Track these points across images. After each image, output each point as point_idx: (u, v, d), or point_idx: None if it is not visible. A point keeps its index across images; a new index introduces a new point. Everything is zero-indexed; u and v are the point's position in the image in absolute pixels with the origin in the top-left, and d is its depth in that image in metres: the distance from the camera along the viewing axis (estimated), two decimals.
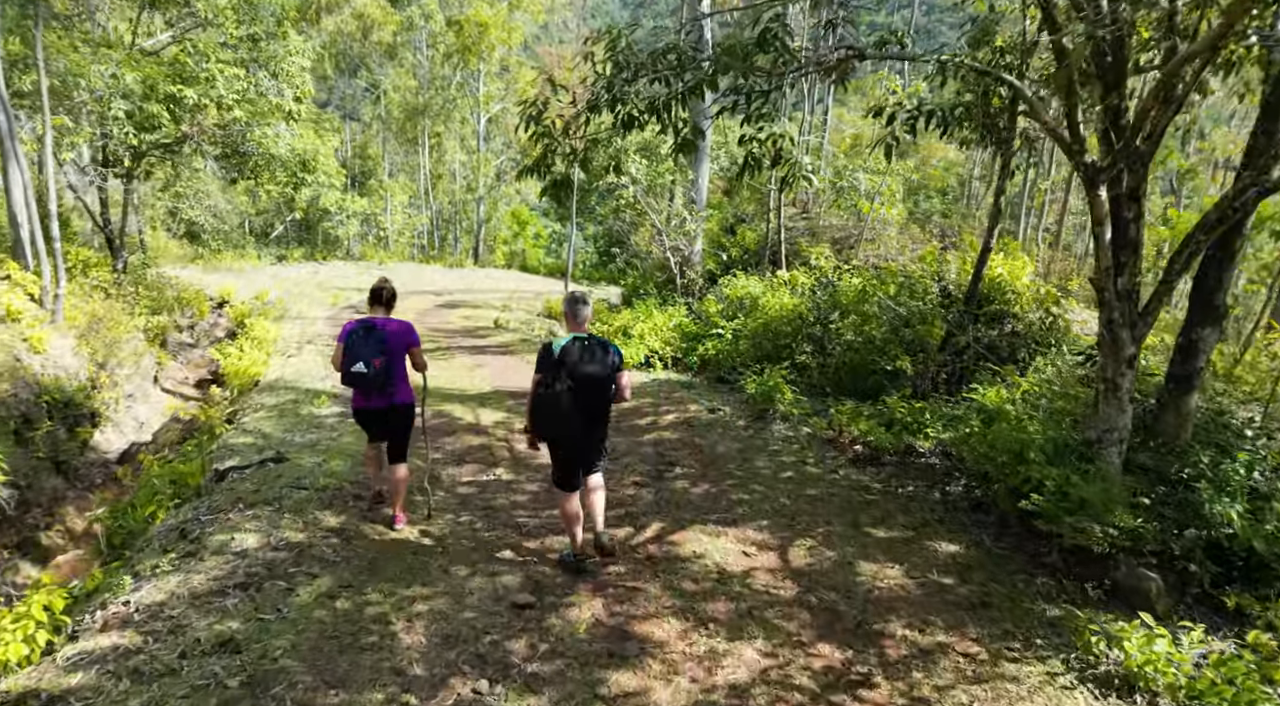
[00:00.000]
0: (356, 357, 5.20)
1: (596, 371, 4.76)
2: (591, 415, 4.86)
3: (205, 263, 27.19)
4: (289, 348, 13.62)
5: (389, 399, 5.49)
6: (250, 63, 13.37)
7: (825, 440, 7.61)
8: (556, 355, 4.71)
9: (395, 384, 5.47)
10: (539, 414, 4.81)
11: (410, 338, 5.55)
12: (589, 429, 4.90)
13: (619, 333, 12.08)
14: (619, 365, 4.92)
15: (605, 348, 4.85)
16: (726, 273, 12.69)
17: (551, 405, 4.71)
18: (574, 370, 4.70)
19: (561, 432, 4.82)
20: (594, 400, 4.83)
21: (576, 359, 4.72)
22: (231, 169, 14.24)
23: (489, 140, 38.91)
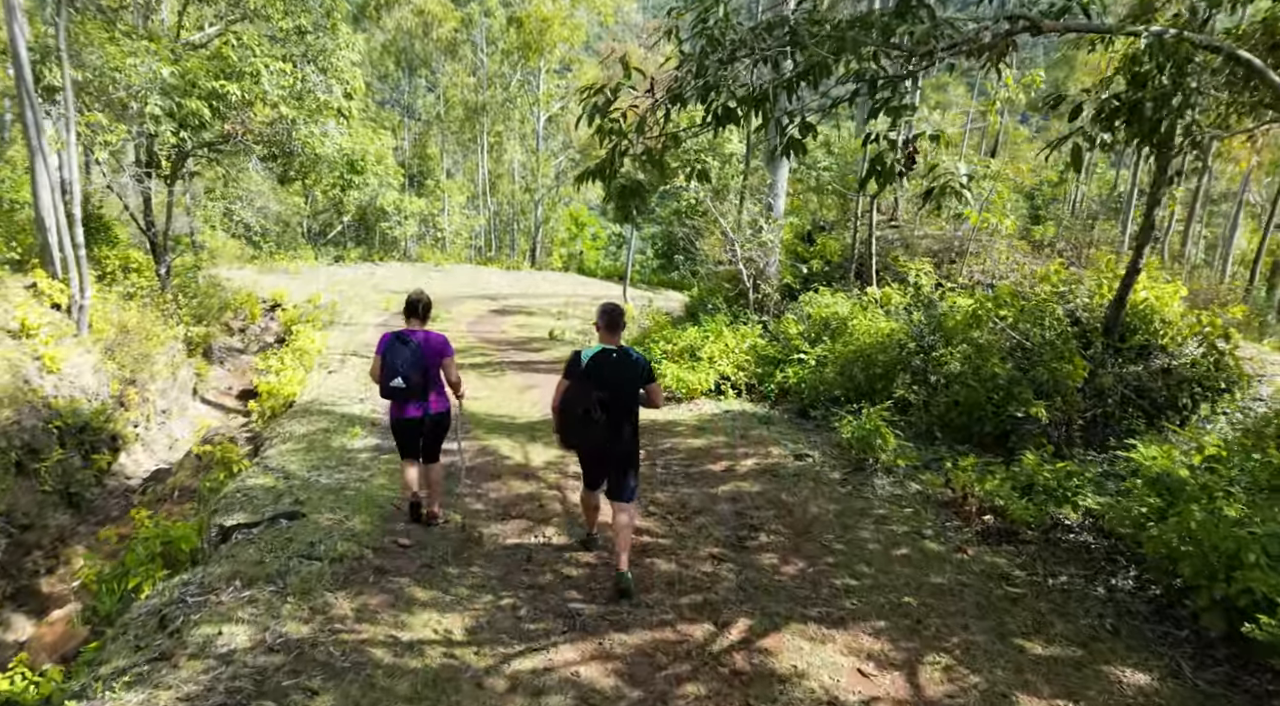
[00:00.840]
0: (394, 372, 5.36)
1: (623, 383, 4.84)
2: (616, 426, 4.86)
3: (262, 263, 26.93)
4: (332, 361, 12.81)
5: (424, 409, 5.62)
6: (298, 58, 12.58)
7: (942, 503, 6.28)
8: (585, 364, 4.82)
9: (430, 395, 5.60)
10: (565, 422, 4.86)
11: (444, 350, 5.64)
12: (614, 439, 4.90)
13: (685, 353, 10.88)
14: (648, 377, 4.98)
15: (634, 360, 4.91)
16: (806, 287, 11.38)
17: (577, 414, 4.75)
18: (601, 381, 4.78)
19: (586, 442, 4.90)
20: (619, 411, 4.85)
21: (604, 370, 4.81)
22: (278, 169, 13.45)
23: (548, 140, 38.12)
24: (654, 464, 7.58)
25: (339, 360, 12.90)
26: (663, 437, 8.43)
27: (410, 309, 5.64)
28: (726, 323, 11.36)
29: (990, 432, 7.23)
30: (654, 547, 5.71)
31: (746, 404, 9.64)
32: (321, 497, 6.38)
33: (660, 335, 11.90)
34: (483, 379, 11.93)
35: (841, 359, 8.76)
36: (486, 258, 35.79)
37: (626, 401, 4.92)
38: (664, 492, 6.82)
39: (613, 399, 4.80)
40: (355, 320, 18.49)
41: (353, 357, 13.23)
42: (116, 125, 10.55)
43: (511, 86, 34.28)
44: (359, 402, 9.99)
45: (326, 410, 9.45)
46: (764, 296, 11.34)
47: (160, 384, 11.12)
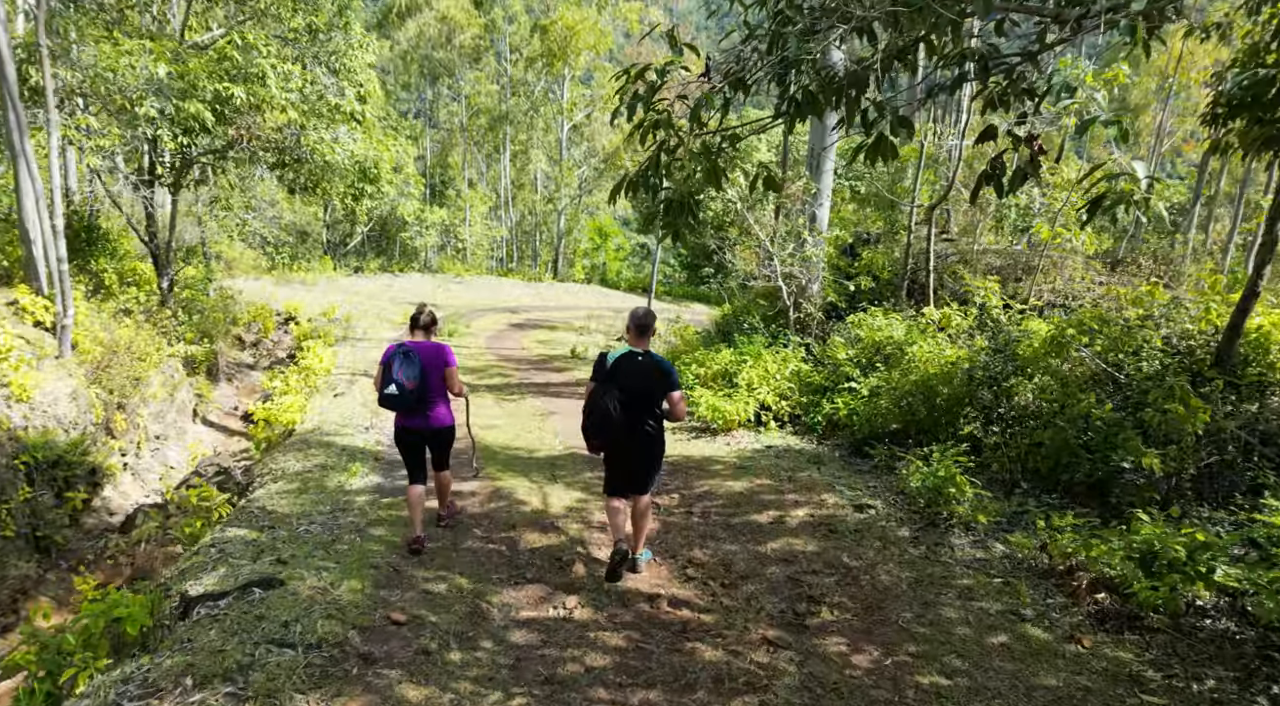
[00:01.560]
0: (390, 380, 5.44)
1: (647, 387, 4.96)
2: (640, 427, 5.01)
3: (279, 275, 26.39)
4: (339, 382, 12.01)
5: (426, 421, 5.66)
6: (309, 59, 11.85)
7: (1039, 572, 5.28)
8: (610, 366, 4.95)
9: (431, 406, 5.64)
10: (590, 421, 5.00)
11: (445, 359, 5.69)
12: (637, 440, 5.05)
13: (719, 378, 9.94)
14: (673, 384, 5.04)
15: (659, 366, 5.00)
16: (852, 307, 10.40)
17: (602, 414, 4.88)
18: (625, 383, 4.91)
19: (610, 441, 5.03)
20: (643, 414, 4.99)
21: (628, 372, 4.93)
22: (287, 178, 12.72)
23: (571, 149, 37.43)
24: (690, 511, 6.64)
25: (347, 381, 12.10)
26: (699, 478, 7.49)
27: (413, 322, 5.78)
28: (765, 344, 10.41)
29: (1082, 482, 6.21)
30: (696, 626, 4.76)
31: (791, 438, 8.67)
32: (308, 554, 5.50)
33: (692, 357, 10.97)
34: (499, 403, 11.06)
35: (900, 390, 7.77)
36: (507, 269, 35.10)
37: (649, 405, 5.02)
38: (704, 549, 5.88)
39: (635, 402, 4.94)
40: (369, 335, 17.76)
41: (362, 378, 12.43)
42: (110, 129, 9.85)
43: (535, 94, 33.61)
44: (364, 432, 9.15)
45: (327, 441, 8.61)
46: (806, 316, 10.38)
47: (155, 407, 10.37)
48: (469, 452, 7.23)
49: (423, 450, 5.78)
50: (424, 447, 5.78)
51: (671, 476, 7.60)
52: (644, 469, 5.20)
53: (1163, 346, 6.74)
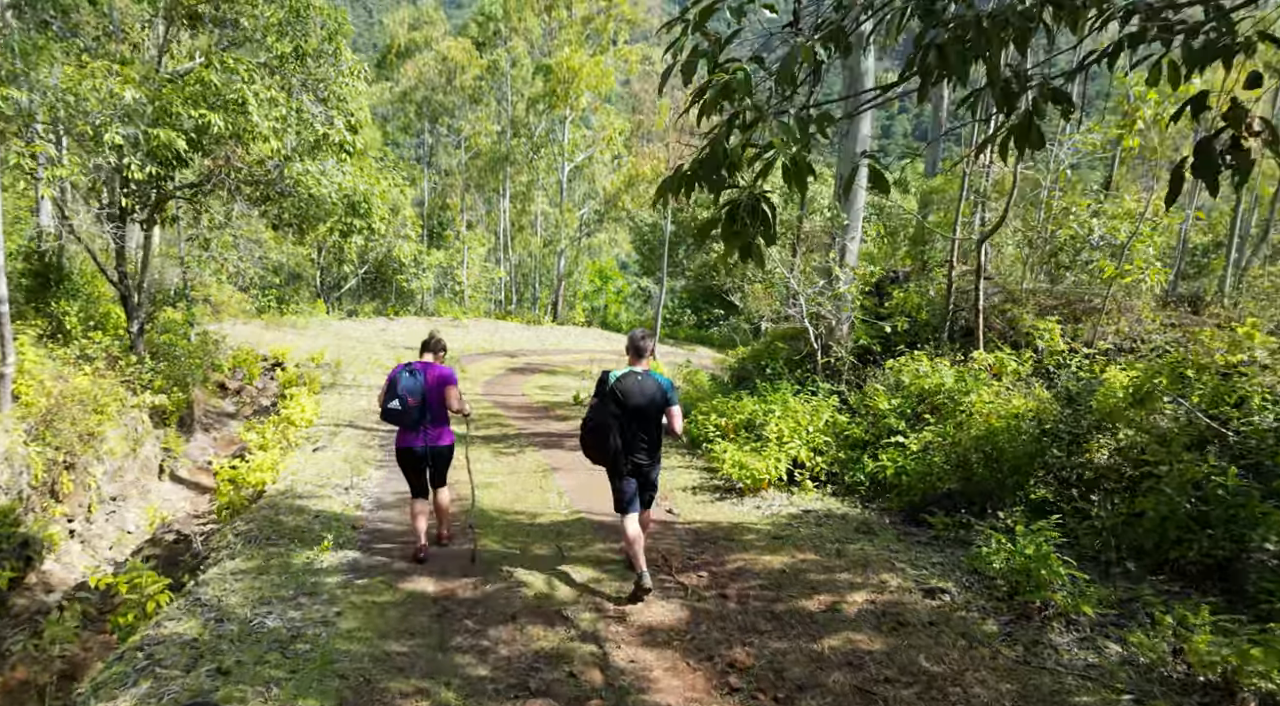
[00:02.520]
0: (393, 396, 5.71)
1: (647, 404, 5.20)
2: (641, 442, 5.28)
3: (269, 318, 25.47)
4: (322, 434, 10.96)
5: (428, 440, 5.89)
6: (295, 85, 11.06)
7: (1176, 684, 4.19)
8: (611, 384, 5.21)
9: (433, 424, 5.90)
10: (592, 438, 5.24)
11: (448, 378, 5.96)
12: (639, 456, 5.30)
13: (744, 429, 8.93)
14: (671, 401, 5.33)
15: (658, 384, 5.28)
16: (887, 350, 9.43)
17: (603, 431, 5.16)
18: (626, 401, 5.16)
19: (612, 458, 5.23)
20: (644, 430, 5.27)
21: (630, 390, 5.18)
22: (271, 213, 11.84)
23: (572, 190, 36.92)
24: (724, 595, 5.56)
25: (330, 432, 11.05)
26: (730, 551, 6.41)
27: (423, 346, 6.18)
28: (791, 391, 9.41)
29: (1197, 562, 5.16)
30: None
31: (830, 500, 7.61)
32: (259, 659, 4.42)
33: (710, 405, 9.97)
34: (498, 457, 10.01)
35: (959, 446, 6.75)
36: (506, 311, 34.24)
37: (649, 422, 5.28)
38: (746, 647, 4.79)
39: (636, 418, 5.21)
40: (358, 381, 16.75)
41: (347, 429, 11.38)
42: (70, 157, 8.98)
43: (536, 135, 33.16)
44: (343, 493, 8.08)
45: (300, 505, 7.54)
46: (836, 360, 9.39)
47: (112, 464, 9.31)
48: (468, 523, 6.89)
49: (424, 469, 6.02)
50: (425, 467, 6.01)
51: (697, 547, 6.54)
52: (647, 484, 5.51)
53: (1273, 397, 5.75)
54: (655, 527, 7.02)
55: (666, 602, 5.43)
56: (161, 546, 8.22)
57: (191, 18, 11.50)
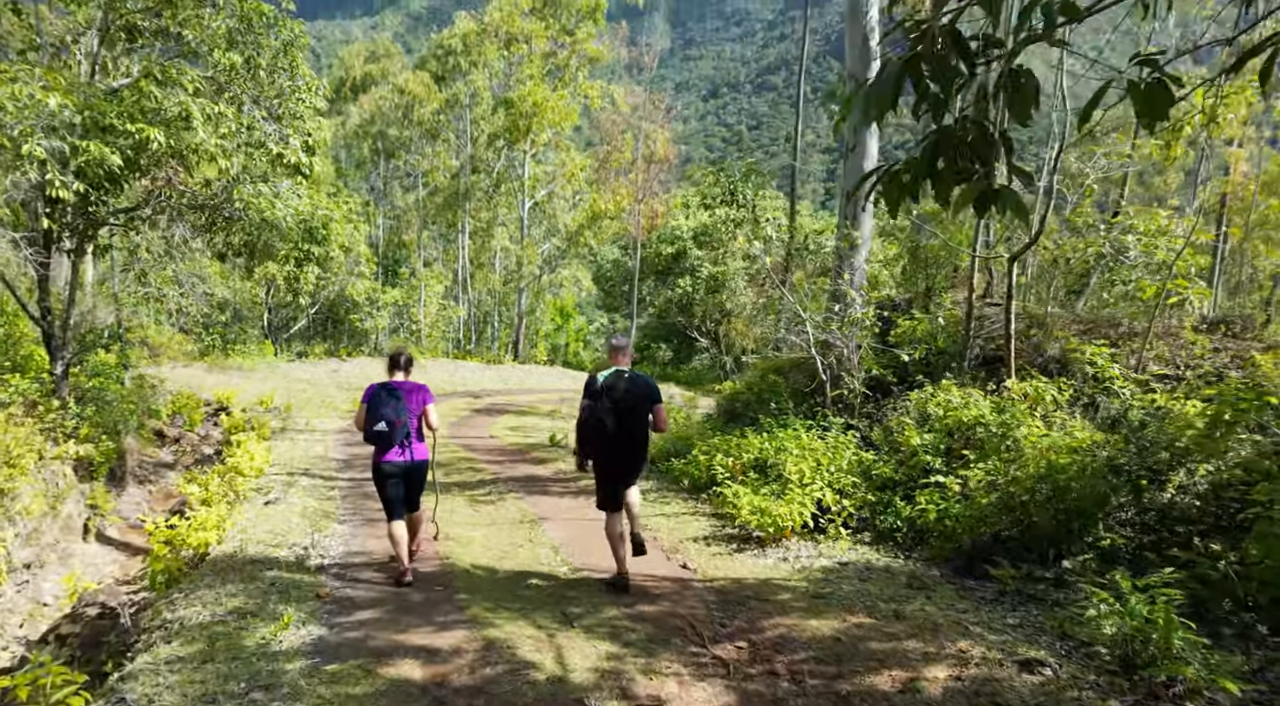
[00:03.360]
0: (378, 417, 5.78)
1: (635, 401, 5.48)
2: (631, 438, 5.53)
3: (213, 360, 23.94)
4: (274, 484, 9.77)
5: (407, 456, 5.96)
6: (246, 101, 10.10)
7: None
8: (600, 384, 5.48)
9: (413, 441, 5.98)
10: (586, 435, 5.59)
11: (425, 397, 6.17)
12: (629, 450, 5.57)
13: (754, 470, 8.07)
14: (657, 398, 5.62)
15: (643, 381, 5.60)
16: (904, 381, 8.71)
17: (597, 428, 5.46)
18: (615, 398, 5.42)
19: (606, 452, 5.55)
20: (633, 425, 5.51)
21: (617, 388, 5.45)
22: (218, 242, 10.75)
23: (533, 227, 36.18)
24: (772, 671, 4.62)
25: (283, 483, 9.86)
26: (765, 614, 5.48)
27: (393, 363, 6.30)
28: (802, 426, 8.61)
29: None
30: None
31: (866, 550, 6.74)
32: None
33: (709, 444, 9.10)
34: (475, 506, 8.94)
35: (1017, 486, 5.97)
36: (465, 351, 33.07)
37: (637, 418, 5.51)
38: None
39: (625, 414, 5.45)
40: (311, 426, 15.48)
41: (302, 479, 10.20)
42: None
43: (496, 171, 32.42)
44: (303, 551, 6.95)
45: (252, 570, 6.40)
46: (849, 392, 8.63)
47: (26, 525, 8.01)
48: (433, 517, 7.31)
49: (402, 485, 6.03)
50: (404, 483, 6.03)
51: (725, 611, 5.60)
52: (633, 470, 5.73)
53: None
54: (672, 586, 6.09)
55: (707, 685, 4.48)
56: (83, 623, 6.94)
57: (129, 31, 10.49)
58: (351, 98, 30.92)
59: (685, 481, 9.05)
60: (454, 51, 30.97)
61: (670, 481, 9.66)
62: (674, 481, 9.56)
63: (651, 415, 5.60)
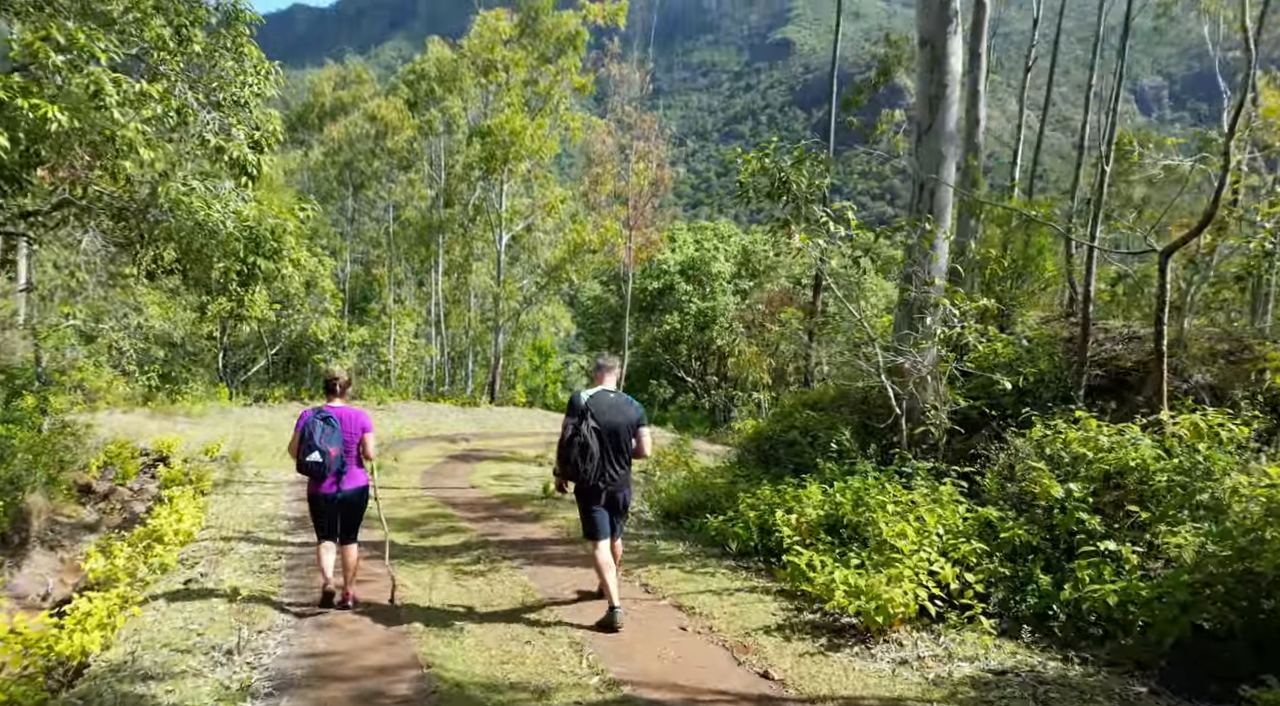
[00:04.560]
0: (312, 447, 5.50)
1: (619, 421, 5.32)
2: (614, 461, 5.32)
3: (157, 406, 21.63)
4: (203, 553, 7.72)
5: (341, 485, 5.68)
6: (177, 81, 8.29)
7: None
8: (583, 403, 5.28)
9: (348, 470, 5.71)
10: (567, 455, 5.26)
11: (363, 425, 5.88)
12: (612, 472, 5.33)
13: (826, 531, 6.25)
14: (643, 421, 5.50)
15: (628, 402, 5.48)
16: (1004, 414, 6.98)
17: (579, 448, 5.19)
18: (599, 418, 5.25)
19: (587, 473, 5.24)
20: (616, 447, 5.33)
21: (601, 409, 5.28)
22: (144, 256, 8.84)
23: (511, 262, 34.44)
24: None
25: (215, 552, 7.80)
26: None
27: (329, 388, 5.94)
28: (870, 471, 6.82)
29: None
30: None
31: (1014, 648, 4.84)
32: None
33: (758, 496, 7.27)
34: (460, 579, 6.95)
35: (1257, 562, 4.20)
36: (439, 393, 30.95)
37: (622, 440, 5.35)
38: None
39: (610, 436, 5.28)
40: (262, 477, 13.36)
41: (240, 544, 8.15)
42: None
43: (472, 203, 30.77)
44: (222, 665, 4.93)
45: (142, 697, 4.39)
46: (933, 429, 6.87)
47: None
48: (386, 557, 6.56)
49: (336, 515, 5.80)
50: (338, 513, 5.79)
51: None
52: (621, 505, 5.54)
53: None
54: None
55: None
56: None
57: None
58: (318, 125, 29.26)
59: (731, 544, 7.16)
60: (427, 77, 29.48)
61: (705, 543, 7.76)
62: (710, 543, 7.66)
63: (635, 439, 5.44)
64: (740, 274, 31.76)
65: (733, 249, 31.63)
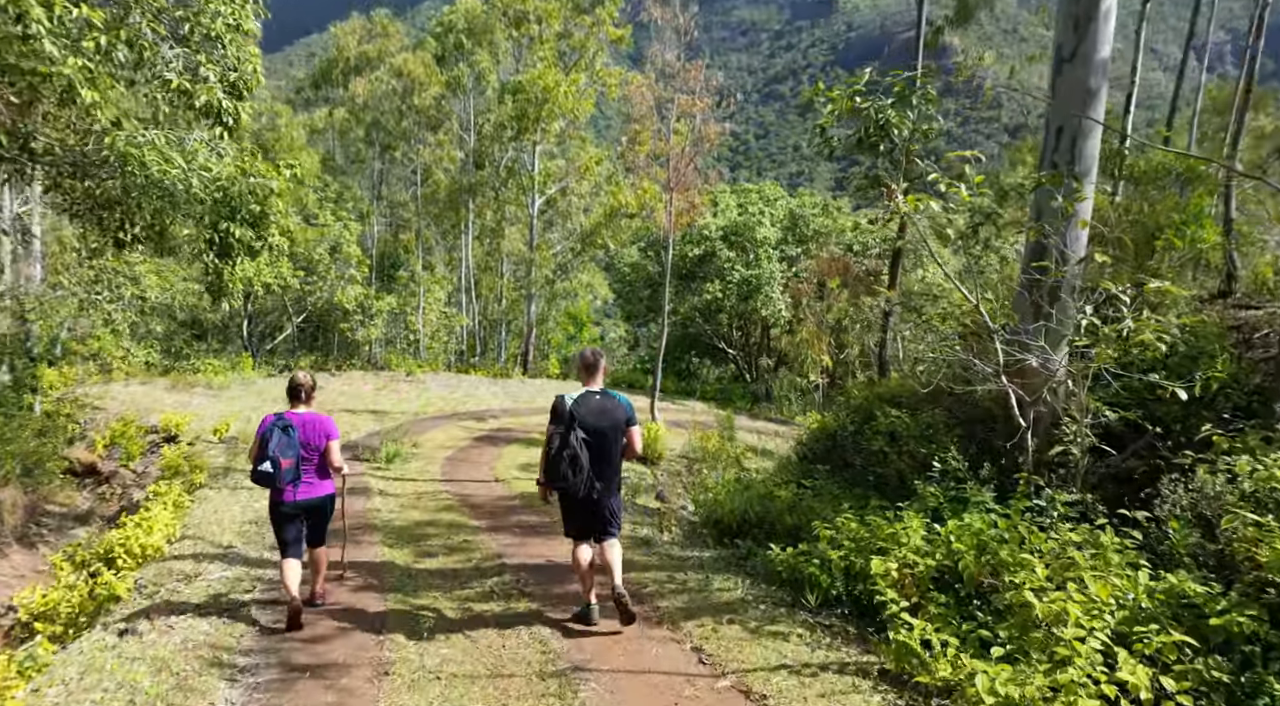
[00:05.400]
0: (264, 456, 5.22)
1: (607, 425, 5.09)
2: (602, 468, 5.08)
3: (177, 378, 20.72)
4: (169, 574, 6.47)
5: (303, 494, 5.43)
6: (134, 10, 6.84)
7: None
8: (569, 407, 5.03)
9: (307, 479, 5.44)
10: (552, 464, 5.02)
11: (327, 432, 5.54)
12: (599, 480, 5.07)
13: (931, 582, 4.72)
14: (633, 421, 5.20)
15: (616, 402, 5.18)
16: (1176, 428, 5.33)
17: (569, 461, 4.94)
18: (585, 423, 5.01)
19: (573, 483, 4.98)
20: (604, 453, 5.09)
21: (588, 412, 5.05)
22: (109, 220, 7.51)
23: (546, 230, 32.92)
24: None
25: (183, 575, 6.52)
26: None
27: (291, 392, 5.59)
28: (988, 502, 5.26)
29: None
30: None
31: None
32: None
33: (842, 526, 5.74)
34: (466, 633, 5.51)
35: None
36: (469, 364, 29.77)
37: (610, 444, 5.12)
38: None
39: (599, 441, 5.05)
40: None
41: (215, 566, 6.87)
42: None
43: (503, 165, 29.23)
44: None
45: None
46: (1075, 449, 5.25)
47: None
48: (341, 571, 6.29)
49: (299, 524, 5.53)
50: (301, 522, 5.53)
51: None
52: (611, 511, 5.24)
53: None
54: None
55: None
56: None
57: None
58: (343, 82, 27.88)
59: (808, 594, 5.64)
60: (455, 29, 27.82)
61: (770, 580, 6.26)
62: (777, 581, 6.15)
63: (625, 438, 5.20)
64: (787, 239, 29.85)
65: (779, 213, 29.68)
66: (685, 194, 17.58)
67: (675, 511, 10.38)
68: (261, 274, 23.84)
